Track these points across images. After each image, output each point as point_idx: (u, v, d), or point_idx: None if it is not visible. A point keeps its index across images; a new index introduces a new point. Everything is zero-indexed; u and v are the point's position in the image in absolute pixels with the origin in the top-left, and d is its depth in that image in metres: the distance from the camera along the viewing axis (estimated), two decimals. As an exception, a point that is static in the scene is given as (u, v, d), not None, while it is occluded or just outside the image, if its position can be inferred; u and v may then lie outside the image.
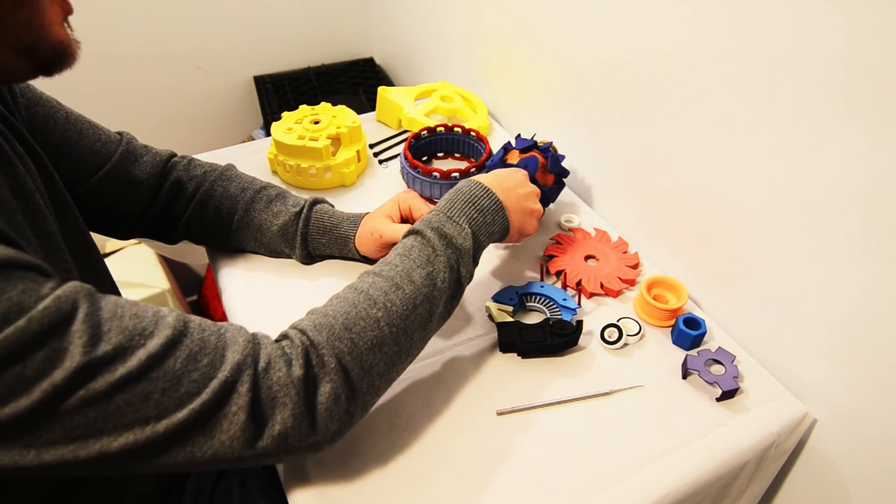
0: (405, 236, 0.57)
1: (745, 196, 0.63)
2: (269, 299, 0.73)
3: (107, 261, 0.61)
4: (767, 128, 0.58)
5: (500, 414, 0.60)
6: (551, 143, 0.83)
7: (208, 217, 0.73)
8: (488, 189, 0.60)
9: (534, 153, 0.79)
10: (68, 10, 0.45)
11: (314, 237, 0.73)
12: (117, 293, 0.62)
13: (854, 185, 0.52)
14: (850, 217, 0.53)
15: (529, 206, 0.64)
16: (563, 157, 0.81)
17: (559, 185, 0.82)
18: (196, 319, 0.44)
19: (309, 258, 0.75)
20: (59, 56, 0.45)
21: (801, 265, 0.59)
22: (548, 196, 0.79)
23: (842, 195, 0.53)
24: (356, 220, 0.72)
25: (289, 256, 0.76)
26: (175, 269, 1.68)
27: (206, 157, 0.96)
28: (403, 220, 0.71)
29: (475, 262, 0.58)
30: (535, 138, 0.82)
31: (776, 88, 0.55)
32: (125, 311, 0.40)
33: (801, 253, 0.59)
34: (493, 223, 0.59)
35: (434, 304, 0.53)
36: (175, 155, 0.75)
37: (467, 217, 0.57)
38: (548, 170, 0.78)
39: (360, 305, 0.50)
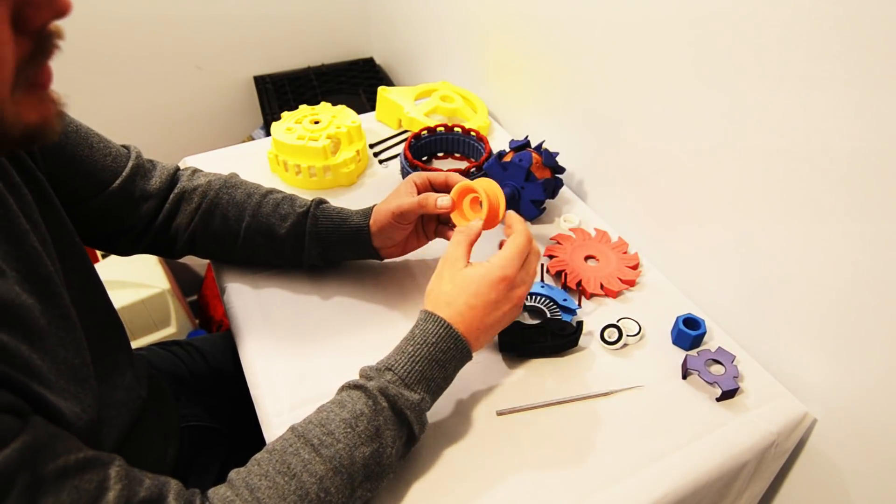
0: (350, 388, 0.52)
1: (742, 196, 0.63)
2: (270, 298, 0.73)
3: (107, 261, 0.60)
4: (764, 127, 0.58)
5: (500, 414, 0.60)
6: (543, 141, 0.87)
7: (215, 226, 0.71)
8: (460, 338, 0.54)
9: (527, 150, 0.82)
10: (44, 83, 0.37)
11: (323, 236, 0.70)
12: (115, 320, 0.61)
13: (849, 185, 0.52)
14: (848, 217, 0.53)
15: (497, 329, 0.57)
16: (556, 153, 0.83)
17: (556, 181, 0.83)
18: None
19: (320, 259, 0.72)
20: (31, 139, 0.37)
21: (801, 265, 0.59)
22: (546, 190, 0.81)
23: (838, 196, 0.53)
24: (366, 212, 0.69)
25: (300, 262, 0.73)
26: (175, 269, 1.68)
27: (206, 156, 0.97)
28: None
29: (428, 410, 0.54)
30: (527, 138, 0.85)
31: (773, 89, 0.55)
32: (69, 478, 0.37)
33: (801, 253, 0.59)
34: (453, 373, 0.55)
35: (377, 480, 0.49)
36: (179, 168, 0.73)
37: (426, 382, 0.52)
38: (542, 164, 0.81)
39: (289, 498, 0.45)
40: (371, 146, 1.00)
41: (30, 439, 0.36)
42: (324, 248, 0.71)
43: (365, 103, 1.45)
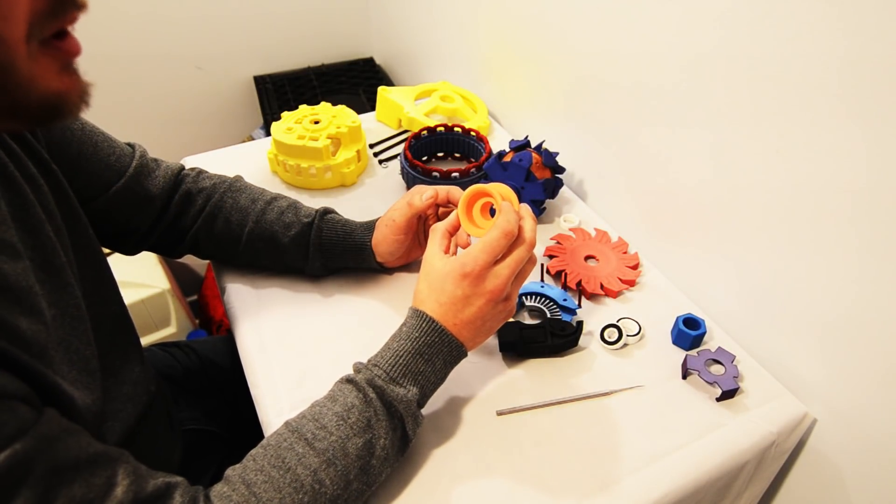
0: (341, 383, 0.53)
1: (742, 195, 0.63)
2: (270, 298, 0.73)
3: (107, 260, 0.60)
4: (763, 127, 0.58)
5: (500, 414, 0.60)
6: (543, 141, 0.87)
7: (217, 229, 0.71)
8: (444, 332, 0.53)
9: (527, 150, 0.82)
10: (70, 54, 0.37)
11: (327, 248, 0.70)
12: (125, 313, 0.61)
13: (849, 183, 0.52)
14: (847, 216, 0.53)
15: (488, 326, 0.56)
16: (556, 153, 0.84)
17: (556, 181, 0.83)
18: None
19: (323, 269, 0.72)
20: (50, 111, 0.37)
21: (800, 264, 0.59)
22: (546, 190, 0.81)
23: (838, 194, 0.53)
24: (370, 226, 0.70)
25: (301, 270, 0.73)
26: (175, 269, 1.68)
27: (206, 156, 0.97)
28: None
29: (422, 406, 0.54)
30: (527, 138, 0.85)
31: (772, 87, 0.55)
32: (80, 472, 0.37)
33: (800, 252, 0.59)
34: (444, 368, 0.55)
35: (371, 475, 0.49)
36: (184, 168, 0.73)
37: (412, 375, 0.52)
38: (542, 164, 0.81)
39: (284, 490, 0.45)
40: (371, 146, 1.00)
41: (45, 430, 0.36)
42: (326, 259, 0.71)
43: (365, 103, 1.45)
